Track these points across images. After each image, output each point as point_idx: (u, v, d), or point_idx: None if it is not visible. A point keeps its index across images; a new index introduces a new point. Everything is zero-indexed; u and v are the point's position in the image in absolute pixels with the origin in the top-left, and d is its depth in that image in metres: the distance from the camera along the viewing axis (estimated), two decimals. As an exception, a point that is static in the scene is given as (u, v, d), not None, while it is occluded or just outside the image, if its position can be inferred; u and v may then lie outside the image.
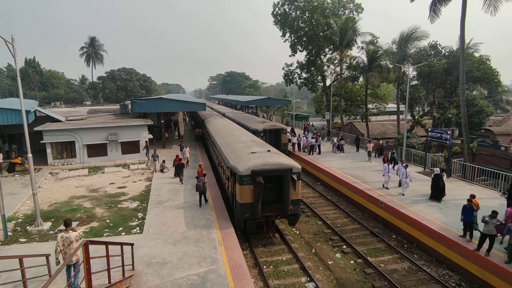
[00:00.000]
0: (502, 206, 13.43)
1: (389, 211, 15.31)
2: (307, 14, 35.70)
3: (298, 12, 36.33)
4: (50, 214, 15.14)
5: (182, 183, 19.44)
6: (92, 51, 74.46)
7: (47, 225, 13.56)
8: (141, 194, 18.03)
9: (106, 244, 8.38)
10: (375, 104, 41.98)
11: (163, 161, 22.84)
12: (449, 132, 19.80)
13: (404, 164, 17.09)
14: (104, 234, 12.93)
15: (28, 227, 13.43)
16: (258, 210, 13.08)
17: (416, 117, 30.73)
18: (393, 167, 19.45)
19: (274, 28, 39.36)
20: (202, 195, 15.80)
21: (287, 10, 37.18)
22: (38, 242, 12.22)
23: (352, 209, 18.15)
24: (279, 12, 37.75)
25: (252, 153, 14.97)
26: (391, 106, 47.11)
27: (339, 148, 28.07)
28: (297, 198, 13.86)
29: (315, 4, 34.38)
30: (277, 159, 14.14)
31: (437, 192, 15.68)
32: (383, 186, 17.94)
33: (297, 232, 15.41)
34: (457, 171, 20.28)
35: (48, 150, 24.19)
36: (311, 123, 44.70)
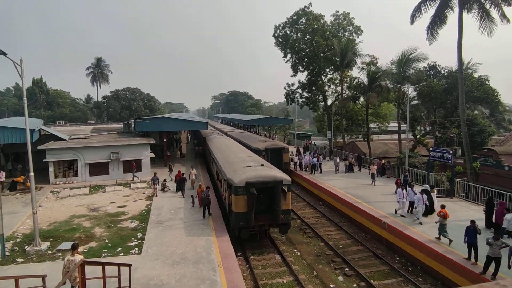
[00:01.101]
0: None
1: (392, 232, 15.03)
2: (307, 36, 36.72)
3: (299, 34, 37.40)
4: (49, 234, 15.02)
5: (183, 196, 20.70)
6: (98, 71, 76.30)
7: (45, 245, 13.43)
8: (141, 214, 17.90)
9: (103, 264, 8.27)
10: (377, 123, 42.18)
11: (164, 180, 22.80)
12: (451, 152, 19.74)
13: (421, 190, 16.29)
14: (103, 255, 12.75)
15: (26, 247, 13.30)
16: (252, 219, 14.19)
17: (418, 137, 30.74)
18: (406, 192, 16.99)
19: (276, 48, 40.26)
20: (206, 208, 16.69)
21: (288, 32, 38.30)
22: (35, 263, 12.05)
23: (355, 230, 17.84)
24: (280, 34, 38.88)
25: (247, 167, 16.09)
26: (393, 125, 47.25)
27: (349, 169, 27.09)
28: (287, 208, 14.98)
29: (315, 26, 35.43)
30: (269, 172, 15.46)
31: (425, 209, 15.70)
32: (396, 212, 16.51)
33: (299, 253, 15.11)
34: (460, 191, 20.04)
35: (51, 169, 24.32)
36: (313, 142, 44.81)
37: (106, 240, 14.22)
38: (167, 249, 13.01)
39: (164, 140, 31.08)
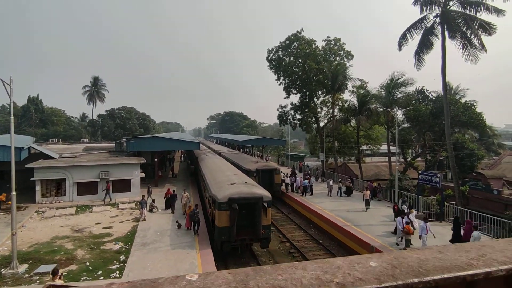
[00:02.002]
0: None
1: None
2: (300, 60, 37.75)
3: (291, 58, 38.46)
4: (28, 256, 14.54)
5: (173, 212, 21.26)
6: (95, 90, 76.89)
7: (23, 267, 12.97)
8: (126, 235, 17.48)
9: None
10: (369, 145, 42.59)
11: (153, 201, 22.47)
12: (438, 175, 19.89)
13: (424, 218, 16.06)
14: (82, 278, 12.33)
15: (2, 269, 12.82)
16: (233, 233, 14.96)
17: (409, 159, 31.02)
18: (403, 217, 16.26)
19: (269, 71, 41.20)
20: (196, 224, 17.20)
21: (281, 56, 39.39)
22: (9, 287, 11.58)
23: (344, 254, 17.53)
24: (273, 57, 39.96)
25: (231, 184, 17.05)
26: (385, 147, 47.74)
27: (347, 192, 26.33)
28: (267, 223, 15.86)
29: (307, 51, 36.52)
30: (251, 189, 16.44)
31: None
32: (397, 244, 15.58)
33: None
34: (450, 215, 20.00)
35: (37, 188, 23.88)
36: (306, 164, 44.87)
37: (87, 263, 13.79)
38: (149, 273, 12.64)
39: (156, 159, 30.90)
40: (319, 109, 40.62)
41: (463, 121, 25.60)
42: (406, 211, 17.70)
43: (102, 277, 12.39)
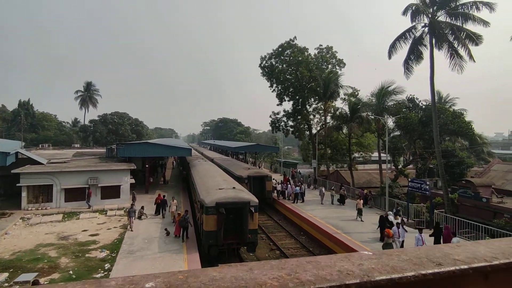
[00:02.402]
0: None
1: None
2: (292, 67, 38.07)
3: (284, 65, 38.78)
4: (10, 264, 14.13)
5: (163, 217, 21.33)
6: (87, 95, 76.30)
7: (3, 276, 12.58)
8: (112, 243, 17.13)
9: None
10: (361, 153, 42.83)
11: (142, 207, 22.13)
12: (428, 183, 20.01)
13: (418, 228, 16.06)
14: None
15: (-19, 278, 12.41)
16: (221, 237, 15.23)
17: (399, 167, 31.22)
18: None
19: (262, 78, 41.43)
20: (185, 231, 17.02)
21: (273, 63, 39.69)
22: (-13, 297, 11.21)
23: (334, 262, 17.42)
24: (266, 64, 40.24)
25: (219, 189, 17.36)
26: (377, 155, 48.07)
27: (341, 201, 25.78)
28: (254, 228, 16.16)
29: (300, 59, 36.86)
30: (238, 194, 16.78)
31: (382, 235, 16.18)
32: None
33: None
34: (440, 222, 20.07)
35: (24, 194, 23.36)
36: (298, 171, 44.84)
37: (71, 271, 13.44)
38: (133, 281, 12.33)
39: (147, 166, 30.57)
40: (311, 116, 40.87)
41: (452, 130, 25.95)
42: (392, 219, 17.72)
43: (85, 286, 12.05)
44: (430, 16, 20.56)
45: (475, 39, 19.53)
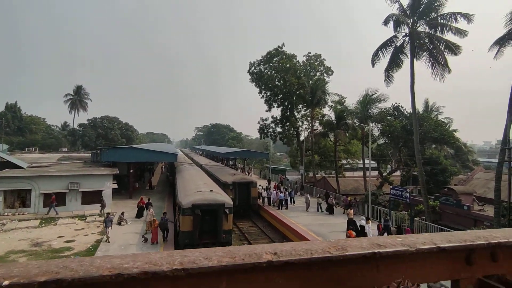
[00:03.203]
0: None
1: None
2: (281, 74, 38.29)
3: (272, 72, 38.96)
4: (-24, 271, 13.66)
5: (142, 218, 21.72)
6: (77, 99, 75.52)
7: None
8: (87, 250, 16.75)
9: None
10: (348, 160, 43.01)
11: (122, 213, 21.75)
12: (408, 190, 20.12)
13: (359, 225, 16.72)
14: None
15: None
16: (196, 237, 16.05)
17: (384, 174, 31.40)
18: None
19: (251, 84, 41.55)
20: (165, 232, 17.57)
21: (262, 69, 39.87)
22: None
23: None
24: (255, 71, 40.40)
25: (197, 192, 18.19)
26: (365, 162, 48.35)
27: (329, 210, 25.10)
28: (229, 228, 17.04)
29: (287, 66, 37.10)
30: (214, 196, 17.58)
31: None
32: None
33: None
34: (421, 230, 20.15)
35: (0, 198, 22.78)
36: (286, 177, 44.78)
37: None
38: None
39: (131, 170, 30.17)
40: (300, 123, 41.00)
41: (434, 138, 26.25)
42: (364, 223, 18.37)
43: (51, 295, 11.68)
44: (410, 26, 20.93)
45: (454, 49, 19.91)
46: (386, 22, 21.33)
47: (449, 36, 20.69)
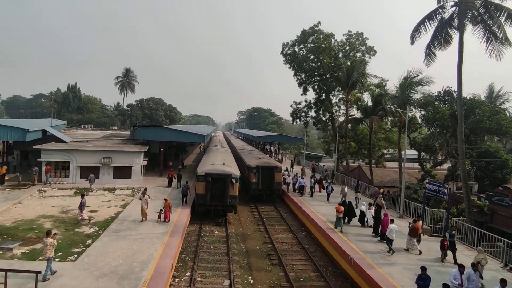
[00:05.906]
0: (495, 280, 11.07)
1: (357, 270, 13.33)
2: (315, 55, 35.83)
3: (306, 52, 36.64)
4: (6, 231, 15.14)
5: (178, 188, 25.19)
6: (126, 81, 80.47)
7: (-7, 242, 13.44)
8: (105, 220, 17.62)
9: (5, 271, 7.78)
10: (388, 149, 39.58)
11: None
12: (446, 186, 17.62)
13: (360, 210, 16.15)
14: (40, 258, 12.44)
15: (-27, 241, 13.38)
16: (207, 199, 20.23)
17: (426, 167, 28.10)
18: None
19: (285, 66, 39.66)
20: (185, 197, 21.35)
21: (296, 50, 37.77)
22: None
23: (326, 263, 16.16)
24: (288, 52, 38.42)
25: (212, 164, 22.44)
26: (410, 152, 44.11)
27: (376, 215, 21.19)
28: (235, 194, 20.57)
29: (323, 45, 34.49)
30: (224, 168, 21.60)
31: (349, 216, 18.50)
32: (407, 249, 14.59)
33: (252, 281, 13.87)
34: (460, 231, 17.66)
35: (44, 168, 25.08)
36: (321, 164, 42.94)
37: (54, 244, 13.95)
38: (103, 259, 12.44)
39: (161, 149, 31.20)
40: (336, 107, 38.49)
41: (486, 128, 22.43)
42: (364, 209, 18.60)
43: (58, 259, 12.39)
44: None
45: (518, 19, 16.33)
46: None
47: (510, 3, 17.04)
